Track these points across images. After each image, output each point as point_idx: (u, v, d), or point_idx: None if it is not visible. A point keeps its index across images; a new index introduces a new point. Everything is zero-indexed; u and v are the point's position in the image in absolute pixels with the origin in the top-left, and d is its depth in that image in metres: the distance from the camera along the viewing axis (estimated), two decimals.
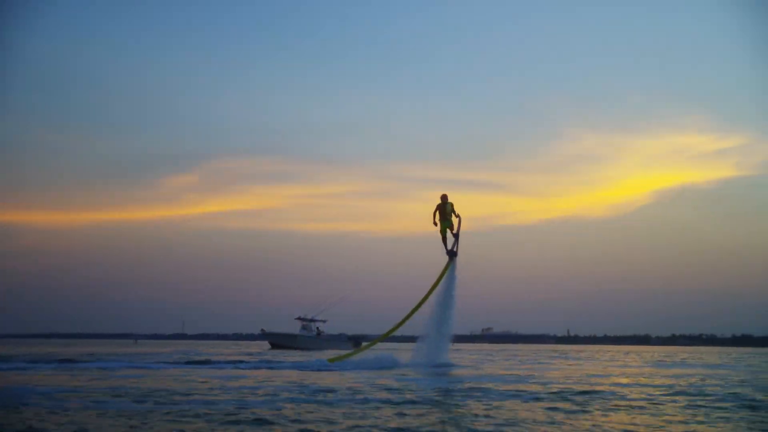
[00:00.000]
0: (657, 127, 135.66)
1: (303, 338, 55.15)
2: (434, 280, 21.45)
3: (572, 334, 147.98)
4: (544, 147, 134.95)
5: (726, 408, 9.38)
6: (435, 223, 21.62)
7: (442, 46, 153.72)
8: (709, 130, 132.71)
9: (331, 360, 21.60)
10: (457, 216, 21.59)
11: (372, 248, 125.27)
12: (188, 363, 20.76)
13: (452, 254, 21.89)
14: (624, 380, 15.17)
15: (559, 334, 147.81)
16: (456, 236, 21.82)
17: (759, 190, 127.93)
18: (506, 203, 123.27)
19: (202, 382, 12.95)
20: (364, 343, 54.69)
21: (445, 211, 21.66)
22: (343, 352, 30.14)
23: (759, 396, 11.36)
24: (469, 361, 25.64)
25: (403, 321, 21.77)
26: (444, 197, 21.72)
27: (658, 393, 11.67)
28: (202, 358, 23.90)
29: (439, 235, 21.76)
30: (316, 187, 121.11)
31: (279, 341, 54.24)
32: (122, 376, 14.61)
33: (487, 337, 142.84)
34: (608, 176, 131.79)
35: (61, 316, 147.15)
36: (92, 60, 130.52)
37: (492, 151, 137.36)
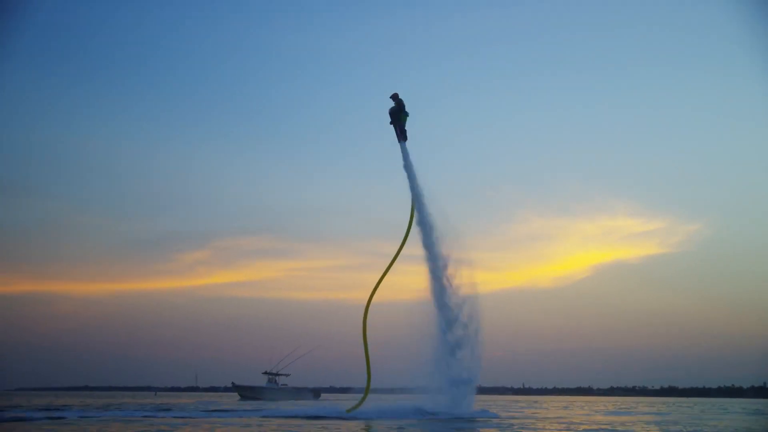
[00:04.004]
0: (593, 212, 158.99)
1: (267, 390, 60.57)
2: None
3: (526, 386, 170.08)
4: (499, 228, 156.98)
5: None
6: (390, 116, 25.06)
7: (412, 141, 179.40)
8: (636, 215, 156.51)
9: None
10: (407, 114, 25.11)
11: (350, 314, 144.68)
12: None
13: (403, 137, 25.39)
14: None
15: (515, 387, 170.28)
16: (401, 126, 25.37)
17: (678, 265, 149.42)
18: (468, 276, 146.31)
19: None
20: (322, 394, 63.76)
21: (400, 108, 24.93)
22: (302, 402, 37.07)
23: None
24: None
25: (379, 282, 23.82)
26: (395, 95, 25.00)
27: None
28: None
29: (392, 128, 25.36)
30: (306, 262, 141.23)
31: (246, 393, 60.31)
32: None
33: None
34: (553, 253, 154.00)
35: (92, 371, 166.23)
36: (119, 153, 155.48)
37: (454, 232, 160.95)
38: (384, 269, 24.64)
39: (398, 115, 25.27)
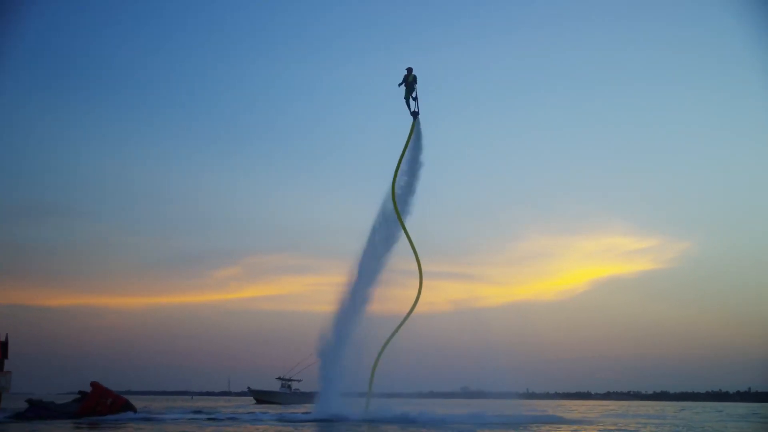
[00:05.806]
0: (592, 231, 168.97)
1: (280, 394, 62.94)
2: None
3: (530, 391, 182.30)
4: (507, 246, 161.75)
5: None
6: (399, 85, 25.54)
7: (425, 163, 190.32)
8: (631, 234, 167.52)
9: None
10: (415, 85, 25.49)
11: (368, 323, 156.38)
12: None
13: (415, 114, 25.64)
14: None
15: (521, 392, 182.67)
16: (415, 98, 25.58)
17: (669, 279, 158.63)
18: (476, 290, 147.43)
19: None
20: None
21: (408, 79, 25.39)
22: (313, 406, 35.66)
23: None
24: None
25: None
26: (409, 69, 25.41)
27: None
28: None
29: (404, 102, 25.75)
30: (328, 277, 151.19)
31: (262, 397, 63.11)
32: None
33: (465, 394, 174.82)
34: (556, 269, 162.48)
35: (134, 376, 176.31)
36: (162, 181, 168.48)
37: (466, 249, 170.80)
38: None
39: (407, 81, 26.06)
